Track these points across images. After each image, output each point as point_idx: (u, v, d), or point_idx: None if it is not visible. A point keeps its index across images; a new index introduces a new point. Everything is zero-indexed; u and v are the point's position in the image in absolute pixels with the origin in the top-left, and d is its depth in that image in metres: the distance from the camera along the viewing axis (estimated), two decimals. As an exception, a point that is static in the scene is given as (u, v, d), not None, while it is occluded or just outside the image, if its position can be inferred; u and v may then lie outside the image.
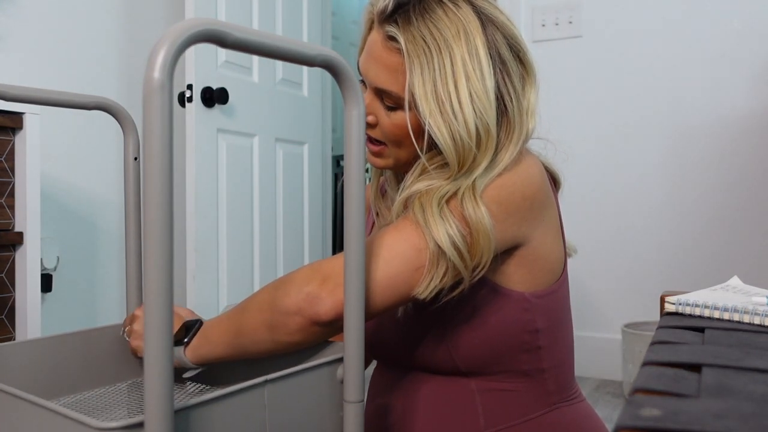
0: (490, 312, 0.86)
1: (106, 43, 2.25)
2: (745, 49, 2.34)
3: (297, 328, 0.75)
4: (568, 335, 0.95)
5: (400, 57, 0.83)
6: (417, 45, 0.81)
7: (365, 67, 0.88)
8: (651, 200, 2.50)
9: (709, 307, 0.62)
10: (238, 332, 0.81)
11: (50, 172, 2.03)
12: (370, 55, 0.87)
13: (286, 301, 0.75)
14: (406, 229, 0.78)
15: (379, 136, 0.89)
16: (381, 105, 0.87)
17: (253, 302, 0.81)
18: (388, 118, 0.87)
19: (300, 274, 0.77)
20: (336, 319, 0.74)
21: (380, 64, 0.85)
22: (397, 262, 0.77)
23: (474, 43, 0.81)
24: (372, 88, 0.87)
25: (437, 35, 0.80)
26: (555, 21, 2.61)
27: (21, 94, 0.88)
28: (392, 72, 0.84)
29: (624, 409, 0.35)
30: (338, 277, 0.75)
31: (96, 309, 2.22)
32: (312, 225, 2.84)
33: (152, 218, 0.51)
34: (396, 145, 0.89)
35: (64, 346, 0.93)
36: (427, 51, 0.80)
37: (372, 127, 0.89)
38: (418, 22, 0.81)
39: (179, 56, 0.53)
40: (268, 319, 0.77)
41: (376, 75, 0.86)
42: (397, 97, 0.85)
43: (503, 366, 0.89)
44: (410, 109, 0.83)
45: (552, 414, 0.91)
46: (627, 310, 2.52)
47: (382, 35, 0.85)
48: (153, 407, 0.53)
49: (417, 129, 0.84)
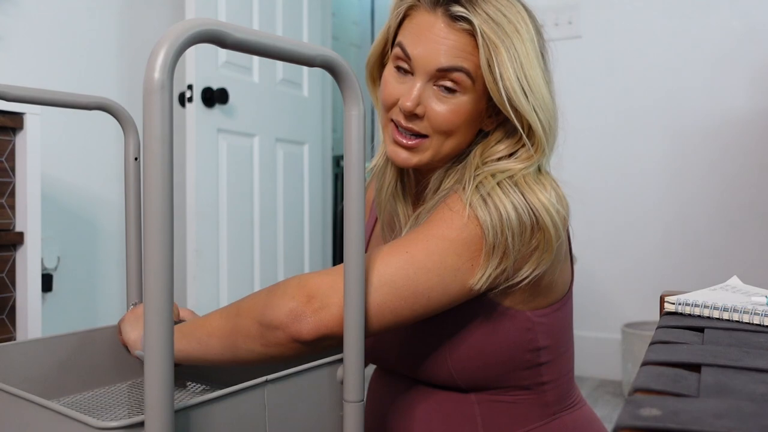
0: (492, 332, 0.84)
1: (106, 43, 2.25)
2: (745, 49, 2.34)
3: (276, 342, 0.74)
4: (570, 348, 0.94)
5: (467, 37, 0.82)
6: (490, 26, 0.80)
7: (420, 50, 0.83)
8: (651, 200, 2.50)
9: (708, 307, 0.62)
10: (224, 336, 0.79)
11: (51, 172, 2.03)
12: (428, 37, 0.83)
13: (269, 314, 0.74)
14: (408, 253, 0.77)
15: (424, 128, 0.85)
16: (433, 93, 0.84)
17: (242, 307, 0.79)
18: (443, 105, 0.83)
19: (287, 286, 0.76)
20: (318, 338, 0.73)
21: (445, 45, 0.82)
22: (386, 289, 0.75)
23: (529, 32, 0.83)
24: (428, 72, 0.83)
25: (503, 19, 0.81)
26: (555, 21, 2.61)
27: (21, 94, 0.88)
28: (462, 51, 0.82)
29: (624, 408, 0.35)
30: (324, 297, 0.73)
31: (96, 309, 2.22)
32: (312, 225, 2.84)
33: (152, 218, 0.52)
34: (444, 135, 0.85)
35: (64, 346, 0.93)
36: (501, 32, 0.81)
37: (418, 119, 0.84)
38: (484, 3, 0.81)
39: (179, 56, 0.53)
40: (253, 328, 0.75)
41: (445, 55, 0.82)
42: (468, 76, 0.82)
43: (504, 382, 0.88)
44: (466, 93, 0.83)
45: (553, 423, 0.90)
46: (627, 310, 2.52)
47: (445, 16, 0.82)
48: (153, 407, 0.53)
49: (475, 113, 0.84)
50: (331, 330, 0.72)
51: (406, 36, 0.85)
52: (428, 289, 0.76)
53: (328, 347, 0.75)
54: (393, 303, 0.75)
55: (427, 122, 0.84)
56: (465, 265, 0.77)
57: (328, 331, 0.72)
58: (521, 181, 0.81)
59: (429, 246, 0.77)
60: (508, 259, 0.78)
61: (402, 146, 0.86)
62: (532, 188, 0.80)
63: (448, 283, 0.77)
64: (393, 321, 0.76)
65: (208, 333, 0.81)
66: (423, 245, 0.77)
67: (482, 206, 0.78)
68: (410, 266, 0.76)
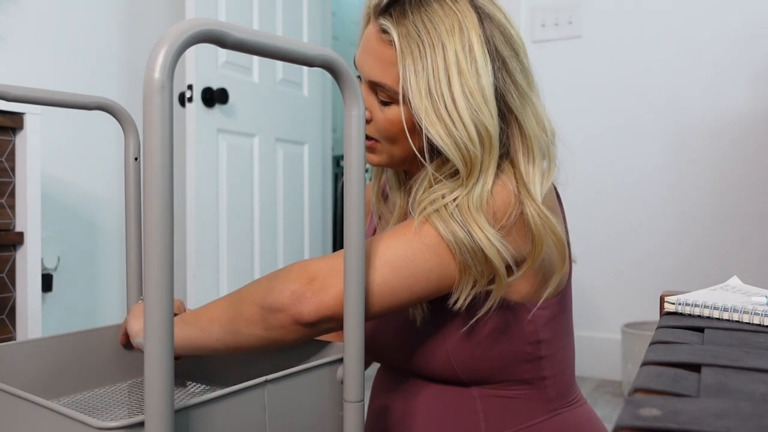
0: (492, 324, 0.85)
1: (106, 43, 2.25)
2: (745, 49, 2.34)
3: (278, 324, 0.75)
4: (570, 342, 0.95)
5: (393, 50, 0.82)
6: (410, 39, 0.80)
7: (360, 60, 0.87)
8: (651, 200, 2.50)
9: (708, 307, 0.62)
10: (226, 322, 0.80)
11: (51, 172, 2.03)
12: (364, 48, 0.86)
13: (271, 297, 0.75)
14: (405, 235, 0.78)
15: (373, 133, 0.88)
16: (375, 100, 0.86)
17: (243, 294, 0.80)
18: (382, 113, 0.86)
19: (288, 271, 0.77)
20: (319, 320, 0.73)
21: (374, 57, 0.84)
22: (387, 270, 0.76)
23: (468, 38, 0.79)
24: (366, 82, 0.86)
25: (431, 29, 0.79)
26: (555, 21, 2.61)
27: (21, 95, 0.88)
28: (386, 65, 0.83)
29: (624, 408, 0.35)
30: (325, 279, 0.74)
31: (96, 309, 2.22)
32: (312, 225, 2.84)
33: (152, 218, 0.52)
34: (390, 142, 0.87)
35: (64, 346, 0.93)
36: (420, 45, 0.79)
37: (366, 123, 0.87)
38: (413, 15, 0.81)
39: (179, 56, 0.53)
40: (255, 312, 0.76)
41: (371, 68, 0.85)
42: (390, 91, 0.83)
43: (505, 376, 0.88)
44: (404, 104, 0.82)
45: (553, 419, 0.90)
46: (627, 310, 2.52)
47: (376, 28, 0.84)
48: (153, 407, 0.53)
49: (411, 125, 0.83)
50: (332, 311, 0.73)
51: (360, 45, 0.89)
52: (427, 270, 0.77)
53: (329, 330, 0.76)
54: (393, 283, 0.76)
55: (374, 127, 0.87)
56: None
57: (329, 312, 0.73)
58: (465, 211, 0.78)
59: (424, 228, 0.78)
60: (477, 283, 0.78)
61: (366, 148, 0.88)
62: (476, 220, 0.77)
63: (446, 264, 0.78)
64: (394, 302, 0.77)
65: (209, 319, 0.81)
66: (419, 228, 0.79)
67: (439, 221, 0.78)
68: (408, 247, 0.77)
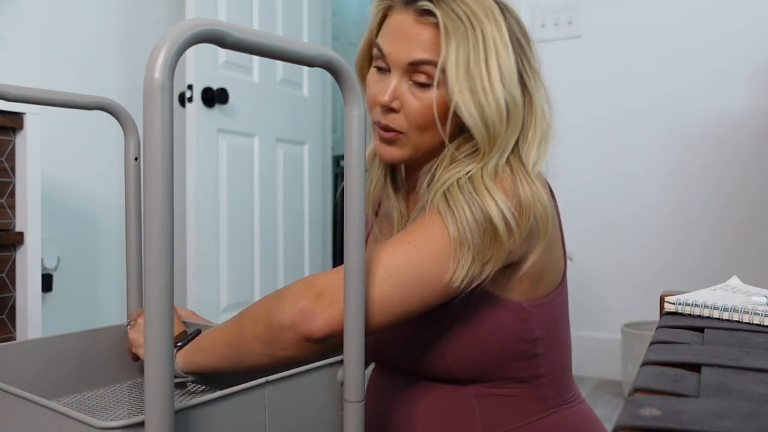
0: (488, 322, 0.85)
1: (106, 43, 2.25)
2: (745, 49, 2.34)
3: (290, 343, 0.75)
4: (566, 340, 0.95)
5: (435, 31, 0.83)
6: (453, 19, 0.82)
7: (393, 47, 0.86)
8: (651, 201, 2.50)
9: (708, 307, 0.62)
10: (231, 343, 0.80)
11: (51, 172, 2.03)
12: (400, 33, 0.86)
13: (279, 315, 0.75)
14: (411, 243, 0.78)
15: (400, 123, 0.86)
16: (408, 88, 0.85)
17: (248, 314, 0.80)
18: (416, 99, 0.85)
19: (295, 288, 0.77)
20: (329, 335, 0.74)
21: (414, 40, 0.84)
22: (394, 280, 0.76)
23: (498, 23, 0.83)
24: (401, 68, 0.85)
25: (468, 12, 0.82)
26: (555, 21, 2.61)
27: (21, 94, 0.88)
28: (427, 45, 0.84)
29: (624, 408, 0.35)
30: (333, 293, 0.74)
31: (96, 309, 2.22)
32: (312, 225, 2.84)
33: (153, 218, 0.52)
34: (420, 130, 0.86)
35: (64, 346, 0.93)
36: (461, 26, 0.81)
37: (394, 113, 0.86)
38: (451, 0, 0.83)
39: (179, 56, 0.53)
40: (262, 332, 0.76)
41: (411, 49, 0.84)
42: (432, 70, 0.84)
43: (500, 374, 0.88)
44: (438, 88, 0.83)
45: (551, 417, 0.90)
46: (627, 310, 2.52)
47: (414, 12, 0.85)
48: (153, 407, 0.53)
49: (444, 110, 0.84)
50: (341, 325, 0.73)
51: (382, 35, 0.88)
52: (434, 275, 0.77)
53: (337, 346, 0.75)
54: (402, 292, 0.76)
55: (404, 117, 0.86)
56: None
57: (339, 326, 0.73)
58: (478, 181, 0.81)
59: (428, 235, 0.78)
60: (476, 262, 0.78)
61: (384, 142, 0.88)
62: (487, 188, 0.80)
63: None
64: (403, 311, 0.77)
65: (212, 341, 0.82)
66: (422, 235, 0.79)
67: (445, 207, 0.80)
68: (414, 255, 0.77)
